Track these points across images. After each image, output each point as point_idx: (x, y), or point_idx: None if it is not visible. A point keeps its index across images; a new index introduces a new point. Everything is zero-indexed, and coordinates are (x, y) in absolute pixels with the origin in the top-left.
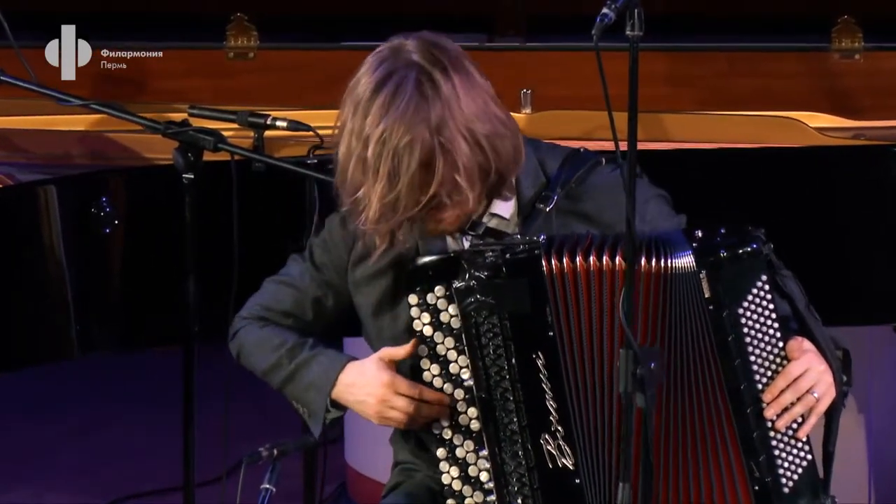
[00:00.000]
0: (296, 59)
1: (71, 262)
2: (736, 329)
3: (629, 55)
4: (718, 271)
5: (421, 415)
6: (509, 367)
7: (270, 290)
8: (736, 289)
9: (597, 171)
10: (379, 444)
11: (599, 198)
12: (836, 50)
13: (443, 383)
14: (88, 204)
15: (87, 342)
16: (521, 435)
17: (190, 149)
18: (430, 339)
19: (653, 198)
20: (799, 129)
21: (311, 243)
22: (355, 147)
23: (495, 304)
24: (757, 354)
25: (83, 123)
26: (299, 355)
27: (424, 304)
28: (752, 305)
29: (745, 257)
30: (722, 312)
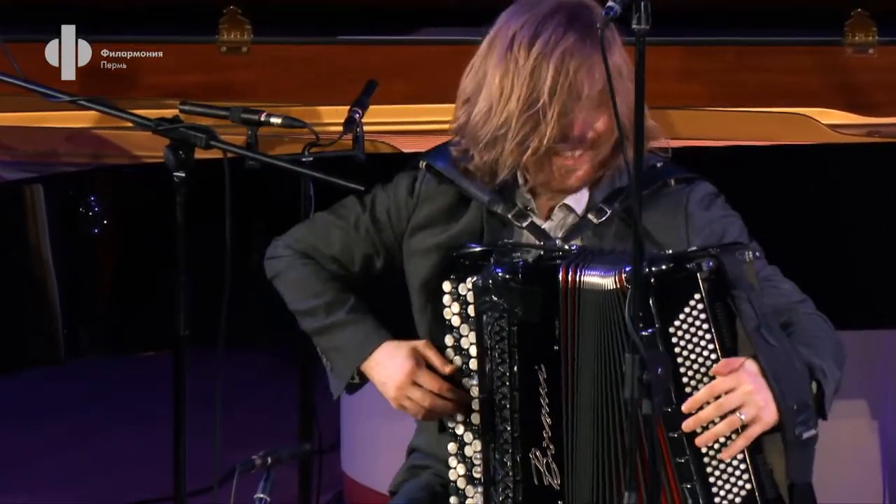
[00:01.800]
0: (291, 54)
1: (58, 263)
2: (665, 347)
3: (635, 49)
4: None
5: (435, 410)
6: (511, 375)
7: (322, 229)
8: (665, 305)
9: (663, 192)
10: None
11: (658, 220)
12: (850, 44)
13: (462, 377)
14: (76, 203)
15: (75, 346)
16: (512, 445)
17: (181, 146)
18: (456, 329)
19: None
20: (811, 125)
21: (375, 194)
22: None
23: (507, 307)
24: (690, 376)
25: (71, 120)
26: (337, 313)
27: (456, 294)
28: (683, 324)
29: (674, 274)
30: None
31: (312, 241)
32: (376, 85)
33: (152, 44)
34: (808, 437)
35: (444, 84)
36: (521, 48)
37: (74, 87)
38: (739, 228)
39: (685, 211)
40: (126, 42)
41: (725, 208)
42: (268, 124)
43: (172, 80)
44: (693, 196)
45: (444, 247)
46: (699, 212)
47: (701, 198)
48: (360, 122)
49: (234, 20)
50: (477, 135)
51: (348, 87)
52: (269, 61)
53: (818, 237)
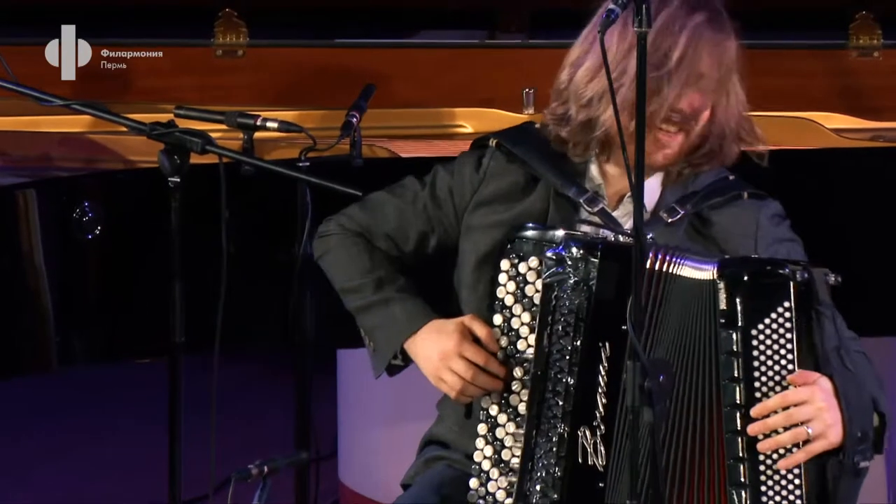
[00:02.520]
0: (287, 58)
1: (51, 269)
2: (745, 350)
3: (637, 52)
4: (737, 286)
5: (476, 383)
6: (573, 349)
7: (377, 206)
8: (755, 309)
9: (736, 203)
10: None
11: (729, 227)
12: (854, 47)
13: (506, 358)
14: (69, 209)
15: (68, 354)
16: (561, 420)
17: (176, 151)
18: (508, 308)
19: (790, 241)
20: (814, 130)
21: (436, 171)
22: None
23: (580, 280)
24: (763, 382)
25: (64, 124)
26: (386, 290)
27: (515, 273)
28: (767, 329)
29: (771, 277)
30: (733, 329)
31: (366, 218)
32: (374, 88)
33: (146, 46)
34: (863, 468)
35: (444, 87)
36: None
37: (67, 90)
38: (802, 255)
39: (757, 223)
40: (118, 45)
41: (791, 232)
42: (264, 129)
43: (167, 83)
44: (765, 211)
45: (506, 224)
46: (770, 227)
47: (772, 214)
48: (358, 126)
49: (230, 23)
50: (581, 91)
51: (346, 91)
52: (266, 64)
53: (822, 244)
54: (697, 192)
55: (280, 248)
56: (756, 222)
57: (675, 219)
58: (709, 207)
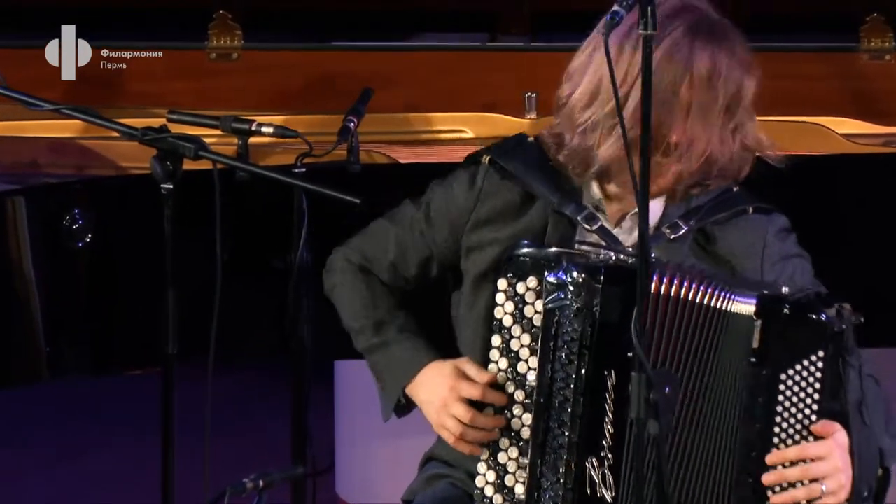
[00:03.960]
0: (283, 61)
1: (40, 278)
2: (770, 392)
3: (642, 55)
4: (775, 325)
5: (476, 425)
6: (577, 377)
7: (378, 236)
8: (787, 352)
9: (741, 218)
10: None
11: (734, 245)
12: (865, 50)
13: (506, 380)
14: (59, 216)
15: (58, 365)
16: (567, 451)
17: (169, 157)
18: (507, 330)
19: (797, 256)
20: (825, 135)
21: (432, 191)
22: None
23: (583, 306)
24: (783, 428)
25: (54, 129)
26: (386, 332)
27: (513, 293)
28: (797, 376)
29: (809, 323)
30: (762, 370)
31: (368, 250)
32: (372, 92)
33: (146, 48)
34: None
35: (443, 92)
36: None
37: (57, 95)
38: (810, 271)
39: (764, 239)
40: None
41: (798, 247)
42: (259, 134)
43: (160, 87)
44: (772, 227)
45: (504, 242)
46: (777, 244)
47: (779, 230)
48: (356, 131)
49: (225, 25)
50: (575, 117)
51: (343, 95)
52: (261, 68)
53: (831, 251)
54: (701, 207)
55: (276, 257)
56: (763, 239)
57: (678, 235)
58: (713, 223)
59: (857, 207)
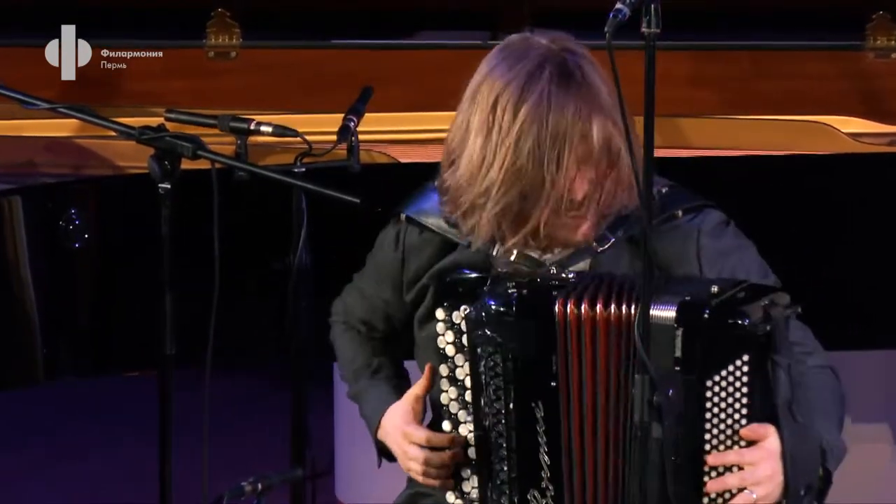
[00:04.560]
0: (282, 59)
1: (37, 278)
2: (697, 399)
3: (645, 54)
4: (695, 333)
5: (433, 465)
6: (506, 412)
7: (351, 294)
8: (710, 358)
9: (671, 224)
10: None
11: (669, 254)
12: (871, 48)
13: (458, 409)
14: (56, 216)
15: (55, 366)
16: (509, 486)
17: (166, 156)
18: (451, 359)
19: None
20: (830, 134)
21: (370, 257)
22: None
23: (501, 341)
24: (714, 434)
25: (50, 128)
26: (361, 380)
27: (450, 322)
28: (723, 381)
29: (730, 328)
30: (686, 377)
31: (347, 305)
32: (372, 91)
33: (145, 47)
34: None
35: (444, 91)
36: (506, 112)
37: (57, 94)
38: (755, 259)
39: (697, 243)
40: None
41: (738, 236)
42: (258, 133)
43: (157, 86)
44: (704, 226)
45: (433, 278)
46: (711, 242)
47: (712, 228)
48: (356, 130)
49: (223, 23)
50: (458, 200)
51: (343, 94)
52: (260, 67)
53: (837, 252)
54: (628, 216)
55: (275, 257)
56: (696, 243)
57: (606, 246)
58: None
59: (863, 208)
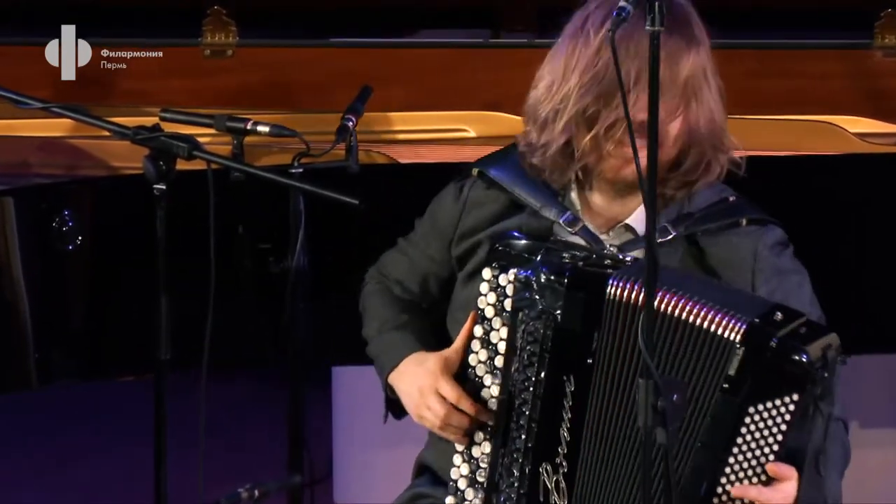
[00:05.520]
0: (279, 58)
1: (29, 281)
2: (734, 423)
3: (649, 52)
4: (755, 358)
5: (452, 423)
6: (536, 381)
7: (391, 254)
8: (763, 387)
9: (733, 231)
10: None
11: (725, 259)
12: (880, 47)
13: (485, 372)
14: (49, 217)
15: (48, 371)
16: (523, 455)
17: (162, 157)
18: (488, 321)
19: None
20: (838, 134)
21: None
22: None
23: (546, 308)
24: (738, 461)
25: (44, 128)
26: (385, 334)
27: (495, 284)
28: (765, 413)
29: (792, 364)
30: (732, 398)
31: (385, 263)
32: (371, 91)
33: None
34: None
35: (444, 90)
36: (593, 25)
37: (57, 94)
38: (809, 290)
39: (756, 253)
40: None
41: (795, 261)
42: (255, 133)
43: (152, 85)
44: (766, 239)
45: (489, 237)
46: (770, 258)
47: (773, 243)
48: (354, 130)
49: (219, 21)
50: (537, 113)
51: (341, 93)
52: (256, 65)
53: (844, 254)
54: (692, 214)
55: (272, 259)
56: (754, 254)
57: (666, 239)
58: (703, 233)
59: (871, 209)
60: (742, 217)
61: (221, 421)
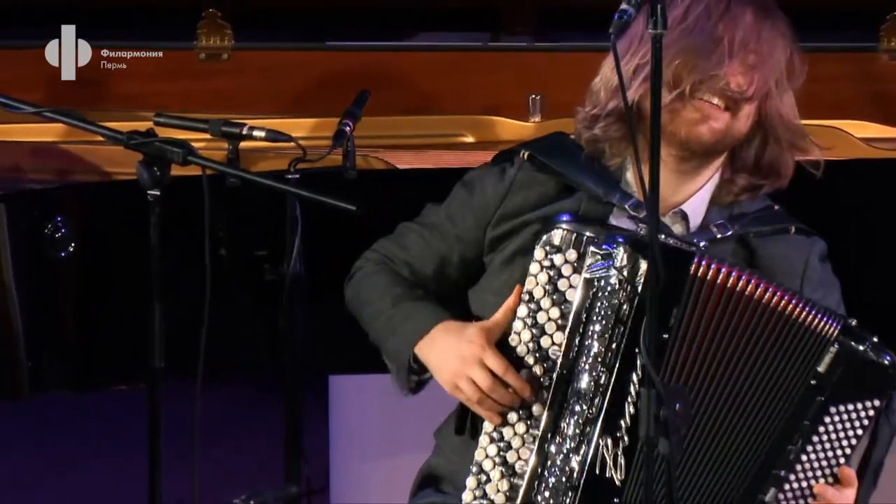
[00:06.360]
0: (275, 61)
1: (21, 289)
2: (816, 420)
3: (651, 55)
4: (847, 357)
5: (494, 396)
6: (607, 351)
7: (399, 234)
8: (850, 388)
9: (783, 236)
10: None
11: (776, 262)
12: (885, 50)
13: (526, 353)
14: (42, 224)
15: (40, 381)
16: (584, 425)
17: (156, 162)
18: (536, 302)
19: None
20: (843, 139)
21: (455, 189)
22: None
23: (624, 280)
24: (811, 459)
25: (36, 133)
26: (402, 303)
27: (549, 264)
28: (846, 414)
29: (880, 368)
30: (817, 395)
31: (389, 246)
32: (369, 95)
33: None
34: None
35: (444, 94)
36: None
37: (39, 99)
38: (840, 300)
39: (806, 262)
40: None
41: (835, 277)
42: (250, 138)
43: (145, 88)
44: (816, 250)
45: (540, 218)
46: (819, 267)
47: (822, 255)
48: (351, 135)
49: (214, 24)
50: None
51: (338, 98)
52: (252, 69)
53: (850, 261)
54: (745, 215)
55: (268, 266)
56: (805, 261)
57: (726, 235)
58: (755, 235)
59: (877, 213)
60: (791, 225)
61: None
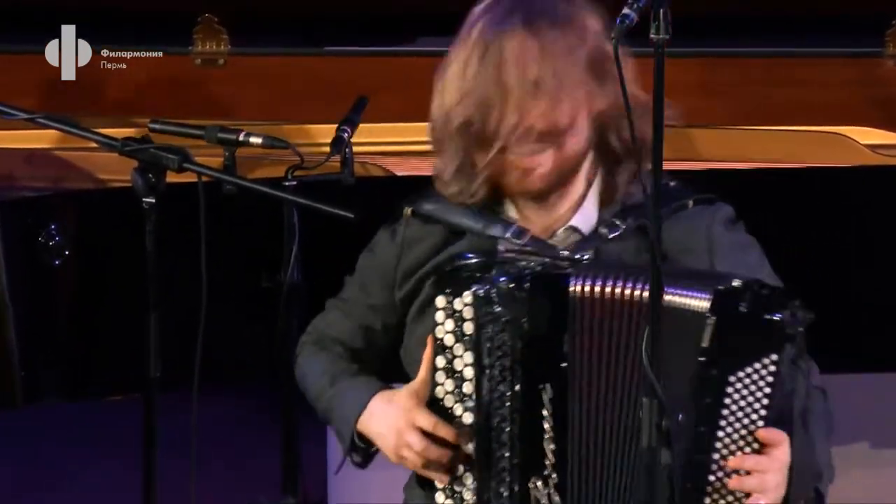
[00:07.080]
0: (272, 67)
1: (15, 298)
2: (717, 394)
3: (654, 61)
4: (729, 324)
5: (432, 457)
6: (512, 395)
7: (326, 313)
8: (740, 353)
9: (682, 214)
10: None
11: (680, 243)
12: (890, 55)
13: (454, 403)
14: (35, 232)
15: (33, 390)
16: (509, 473)
17: (151, 169)
18: (449, 349)
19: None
20: (847, 145)
21: (359, 260)
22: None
23: (511, 318)
24: (727, 433)
25: (30, 140)
26: (339, 383)
27: (451, 310)
28: (747, 379)
29: (765, 324)
30: (710, 370)
31: (319, 326)
32: (367, 101)
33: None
34: None
35: None
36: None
37: (31, 104)
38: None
39: (708, 232)
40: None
41: (749, 236)
42: (247, 144)
43: (140, 94)
44: (717, 217)
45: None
46: (726, 233)
47: (726, 220)
48: (349, 142)
49: (210, 29)
50: (434, 136)
51: (336, 104)
52: (249, 75)
53: (854, 270)
54: (638, 205)
55: (265, 275)
56: (708, 232)
57: (616, 234)
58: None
59: (881, 221)
60: (688, 199)
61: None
